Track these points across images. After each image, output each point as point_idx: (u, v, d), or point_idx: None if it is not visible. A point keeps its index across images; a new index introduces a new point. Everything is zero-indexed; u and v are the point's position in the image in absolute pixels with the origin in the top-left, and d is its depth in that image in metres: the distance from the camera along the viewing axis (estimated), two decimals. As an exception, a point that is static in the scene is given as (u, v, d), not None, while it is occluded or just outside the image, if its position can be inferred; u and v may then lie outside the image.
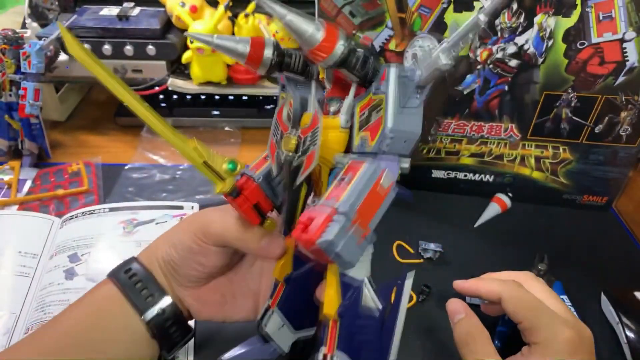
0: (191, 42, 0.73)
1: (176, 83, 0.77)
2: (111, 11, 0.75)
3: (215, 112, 0.84)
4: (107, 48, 0.73)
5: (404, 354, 0.50)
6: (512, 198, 0.68)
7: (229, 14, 0.75)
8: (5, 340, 0.49)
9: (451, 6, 0.56)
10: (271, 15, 0.29)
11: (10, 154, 0.74)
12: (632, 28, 0.55)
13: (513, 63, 0.59)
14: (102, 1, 0.78)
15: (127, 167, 0.75)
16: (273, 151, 0.34)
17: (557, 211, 0.70)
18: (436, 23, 0.57)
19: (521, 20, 0.56)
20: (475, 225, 0.67)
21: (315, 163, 0.31)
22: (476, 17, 0.26)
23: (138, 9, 0.76)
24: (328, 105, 0.35)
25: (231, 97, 0.84)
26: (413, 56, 0.31)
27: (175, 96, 0.84)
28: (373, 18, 0.58)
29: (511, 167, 0.68)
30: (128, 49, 0.73)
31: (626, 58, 0.57)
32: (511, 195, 0.69)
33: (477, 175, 0.70)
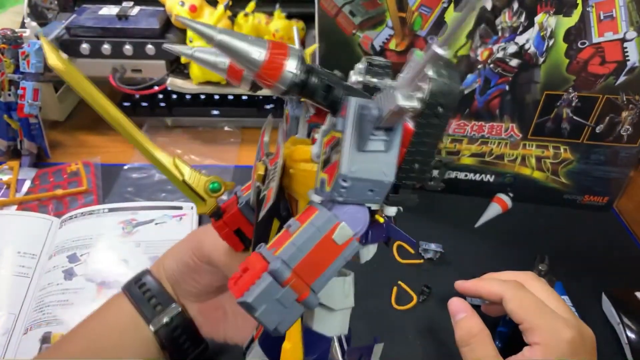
0: (190, 41, 0.73)
1: (175, 83, 0.77)
2: (110, 10, 0.75)
3: (214, 112, 0.84)
4: (107, 47, 0.73)
5: (404, 354, 0.51)
6: (513, 198, 0.68)
7: (229, 13, 0.75)
8: (4, 340, 0.49)
9: (451, 6, 0.56)
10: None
11: (9, 154, 0.74)
12: (633, 28, 0.55)
13: (514, 63, 0.59)
14: (102, 0, 0.78)
15: (127, 167, 0.75)
16: (254, 175, 0.31)
17: (558, 211, 0.70)
18: (436, 22, 0.57)
19: (522, 19, 0.56)
20: (475, 225, 0.66)
21: (271, 202, 0.27)
22: (432, 50, 0.20)
23: (137, 9, 0.76)
24: (314, 131, 0.31)
25: (231, 97, 0.84)
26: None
27: (174, 96, 0.84)
28: (373, 17, 0.58)
29: (512, 167, 0.68)
30: (127, 49, 0.73)
31: (627, 58, 0.57)
32: (512, 195, 0.68)
33: (478, 175, 0.70)
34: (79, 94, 0.29)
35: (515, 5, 0.55)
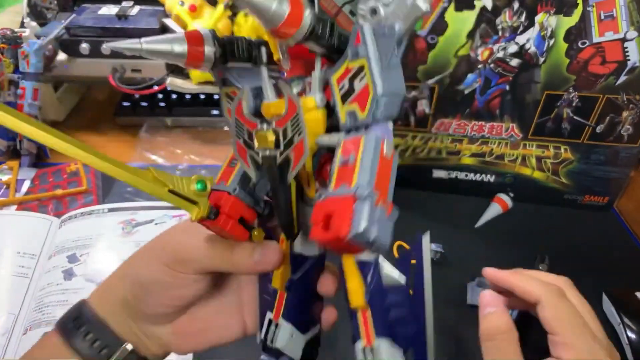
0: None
1: (175, 82, 0.77)
2: (110, 10, 0.75)
3: (214, 112, 0.84)
4: (106, 47, 0.73)
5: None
6: (513, 198, 0.68)
7: (229, 13, 0.75)
8: (4, 340, 0.49)
9: (452, 5, 0.56)
10: None
11: (8, 154, 0.74)
12: (634, 27, 0.55)
13: (514, 62, 0.59)
14: (101, 0, 0.77)
15: (126, 167, 0.74)
16: (243, 154, 0.31)
17: (558, 211, 0.70)
18: (437, 22, 0.57)
19: (522, 19, 0.56)
20: (476, 225, 0.66)
21: (306, 154, 0.28)
22: None
23: (137, 8, 0.76)
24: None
25: (231, 97, 0.84)
26: (372, 12, 0.28)
27: (174, 96, 0.84)
28: (373, 17, 0.58)
29: (512, 167, 0.68)
30: (127, 48, 0.73)
31: (627, 58, 0.57)
32: (512, 195, 0.68)
33: (478, 175, 0.70)
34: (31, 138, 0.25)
35: (515, 4, 0.55)
